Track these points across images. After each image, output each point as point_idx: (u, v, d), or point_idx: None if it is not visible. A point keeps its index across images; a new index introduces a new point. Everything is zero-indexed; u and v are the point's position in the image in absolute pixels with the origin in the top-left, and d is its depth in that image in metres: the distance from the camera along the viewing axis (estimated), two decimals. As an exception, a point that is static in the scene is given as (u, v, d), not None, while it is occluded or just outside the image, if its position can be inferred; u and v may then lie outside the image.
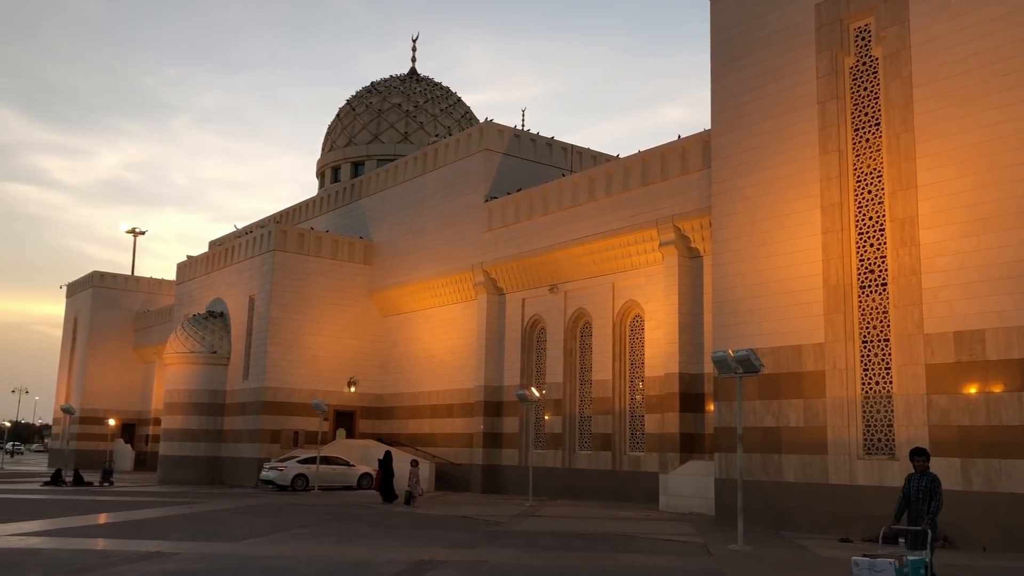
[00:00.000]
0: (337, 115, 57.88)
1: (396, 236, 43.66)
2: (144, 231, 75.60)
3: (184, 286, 51.33)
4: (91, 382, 64.89)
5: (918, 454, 11.53)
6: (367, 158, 54.02)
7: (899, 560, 9.96)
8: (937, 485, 11.15)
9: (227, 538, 17.83)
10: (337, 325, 43.48)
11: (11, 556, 14.38)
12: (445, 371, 40.10)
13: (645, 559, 15.42)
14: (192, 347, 43.97)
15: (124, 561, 13.70)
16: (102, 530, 19.86)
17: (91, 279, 67.32)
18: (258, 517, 23.51)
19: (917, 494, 11.15)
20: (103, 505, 27.00)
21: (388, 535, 19.03)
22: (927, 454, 11.61)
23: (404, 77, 58.28)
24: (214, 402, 43.81)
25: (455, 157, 40.46)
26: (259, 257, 43.37)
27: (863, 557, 10.43)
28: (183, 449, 43.47)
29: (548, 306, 35.33)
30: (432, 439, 40.04)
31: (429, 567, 13.84)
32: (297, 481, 35.63)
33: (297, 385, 41.62)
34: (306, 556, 15.06)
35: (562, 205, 34.05)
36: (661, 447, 28.75)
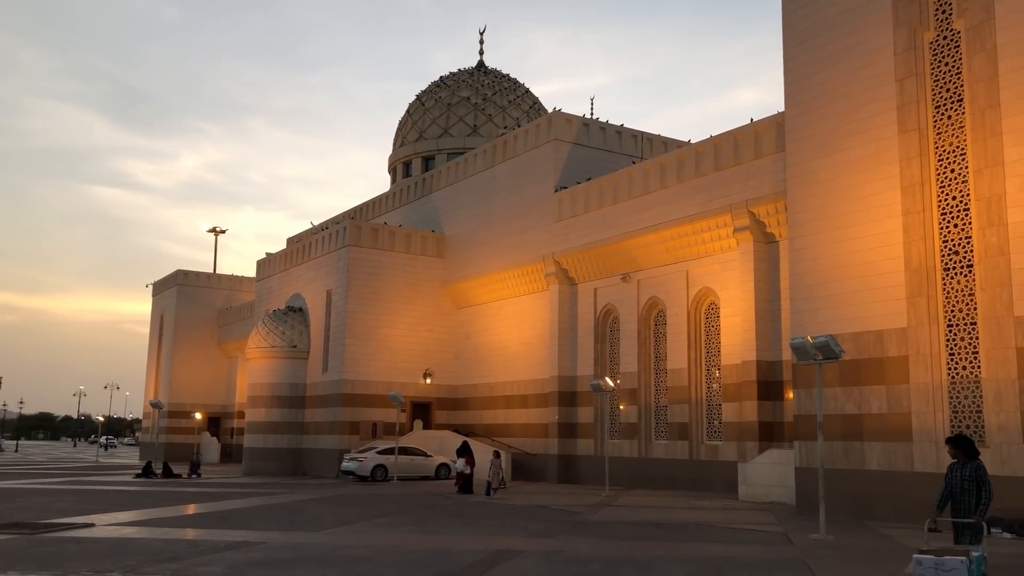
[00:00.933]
0: (407, 111, 58.46)
1: (467, 229, 43.95)
2: (224, 230, 77.63)
3: (264, 282, 52.60)
4: (178, 377, 67.08)
5: (955, 443, 10.55)
6: (437, 152, 54.46)
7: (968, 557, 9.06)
8: (984, 474, 10.26)
9: (310, 528, 18.26)
10: (411, 318, 44.05)
11: (107, 545, 15.00)
12: (518, 362, 40.27)
13: (725, 548, 15.26)
14: (273, 342, 45.07)
15: (212, 551, 14.16)
16: (191, 520, 20.55)
17: (175, 278, 69.51)
18: (340, 507, 24.00)
19: (961, 484, 10.29)
20: (191, 496, 27.93)
21: (466, 524, 19.23)
22: (967, 443, 10.50)
23: (472, 70, 58.50)
24: (295, 395, 44.85)
25: (524, 148, 40.49)
26: (335, 253, 44.17)
27: (926, 555, 9.25)
28: (266, 441, 44.64)
29: (621, 295, 35.13)
30: (507, 429, 40.27)
31: (507, 556, 13.95)
32: (376, 471, 36.24)
33: (374, 377, 42.32)
34: (387, 545, 15.33)
35: (633, 193, 33.79)
36: (739, 436, 28.38)
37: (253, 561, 12.90)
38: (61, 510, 21.67)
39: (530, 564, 13.18)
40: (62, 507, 22.68)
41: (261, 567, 12.31)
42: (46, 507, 22.68)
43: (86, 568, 11.95)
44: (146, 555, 13.54)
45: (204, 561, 12.85)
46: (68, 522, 18.38)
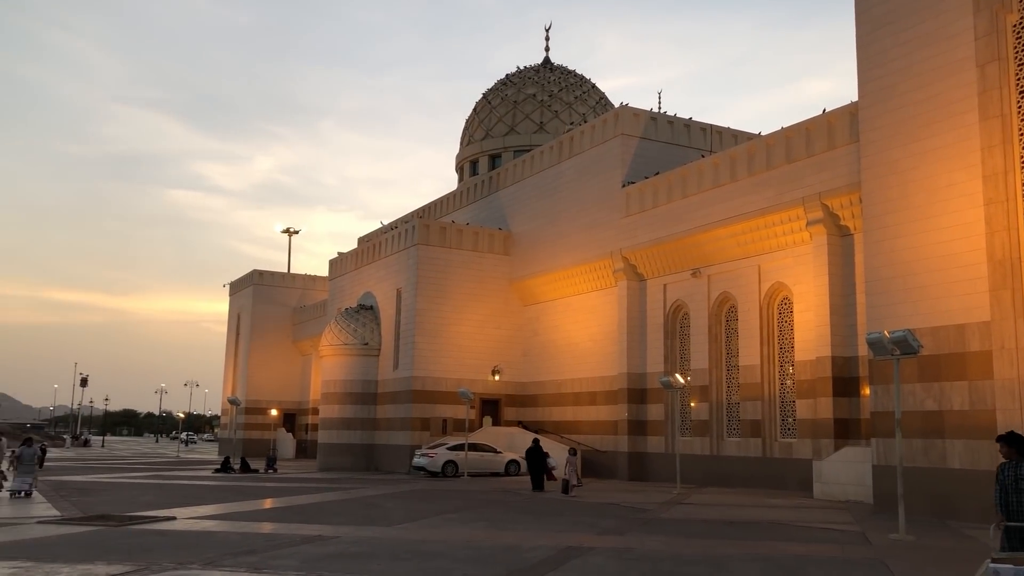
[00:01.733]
0: (474, 109, 58.75)
1: (534, 226, 43.97)
2: (298, 230, 79.15)
3: (336, 281, 53.50)
4: (254, 374, 68.70)
5: (1008, 440, 9.81)
6: (504, 150, 54.61)
7: None
8: None
9: (383, 522, 18.52)
10: (479, 315, 44.30)
11: (188, 538, 15.46)
12: (587, 358, 40.14)
13: (800, 548, 14.97)
14: (345, 339, 45.82)
15: (288, 544, 14.47)
16: (267, 514, 21.04)
17: (251, 278, 71.18)
18: (411, 502, 24.29)
19: (1016, 484, 9.59)
20: (268, 491, 28.58)
21: (536, 521, 19.26)
22: (1020, 441, 9.74)
23: (538, 67, 58.49)
24: (367, 391, 45.53)
25: (591, 144, 40.32)
26: (404, 252, 44.68)
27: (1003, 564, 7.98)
28: (340, 437, 45.42)
29: (691, 291, 34.73)
30: (576, 426, 40.18)
31: (577, 553, 13.93)
32: (447, 467, 36.54)
33: (444, 374, 42.69)
34: (458, 540, 15.45)
35: (702, 187, 33.36)
36: (814, 433, 27.80)
37: (327, 555, 13.15)
38: (145, 503, 22.41)
39: (600, 561, 13.14)
40: (146, 501, 23.46)
41: (335, 561, 12.54)
42: (131, 500, 23.49)
43: (168, 560, 12.34)
44: (224, 548, 13.91)
45: (280, 555, 13.14)
46: (151, 515, 18.99)
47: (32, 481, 24.49)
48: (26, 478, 24.21)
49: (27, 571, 11.22)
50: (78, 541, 14.70)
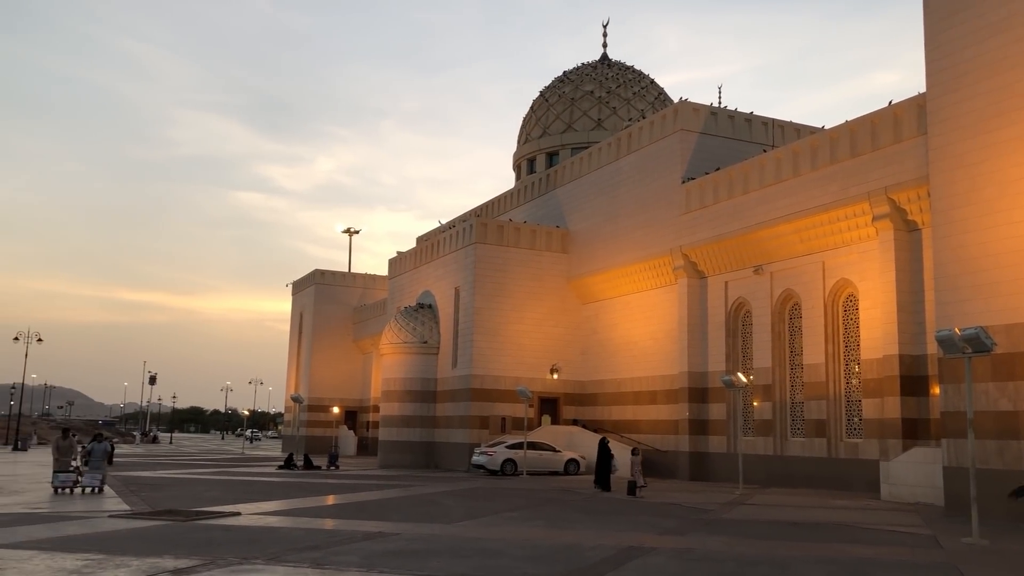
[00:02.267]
0: (531, 107, 58.72)
1: (592, 223, 43.76)
2: (358, 230, 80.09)
3: (395, 280, 53.99)
4: (316, 372, 69.75)
5: None
6: (561, 147, 54.47)
7: None
8: None
9: (443, 520, 18.60)
10: (537, 313, 44.25)
11: (252, 533, 15.72)
12: (647, 357, 39.81)
13: (868, 550, 14.60)
14: (404, 338, 46.21)
15: (349, 540, 14.61)
16: (329, 511, 21.31)
17: (313, 277, 72.28)
18: (471, 500, 24.36)
19: None
20: (330, 488, 28.95)
21: (596, 520, 19.15)
22: None
23: (595, 64, 58.21)
24: (426, 390, 45.84)
25: (649, 140, 39.96)
26: (462, 250, 44.86)
27: None
28: (400, 435, 45.81)
29: (753, 288, 34.19)
30: (636, 425, 39.89)
31: (637, 553, 13.80)
32: (506, 466, 36.58)
33: (502, 372, 42.75)
34: (517, 539, 15.43)
35: (764, 182, 32.81)
36: (881, 433, 27.13)
37: (388, 551, 13.24)
38: (211, 499, 22.88)
39: (661, 562, 12.99)
40: (212, 496, 23.95)
41: (396, 557, 12.62)
42: (198, 496, 24.01)
43: (233, 555, 12.55)
44: (288, 543, 14.11)
45: (342, 551, 13.27)
46: (217, 510, 19.37)
47: (102, 477, 24.88)
48: (96, 474, 24.59)
49: (99, 563, 11.52)
50: (146, 535, 15.06)
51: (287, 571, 11.26)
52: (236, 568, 11.36)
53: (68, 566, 11.33)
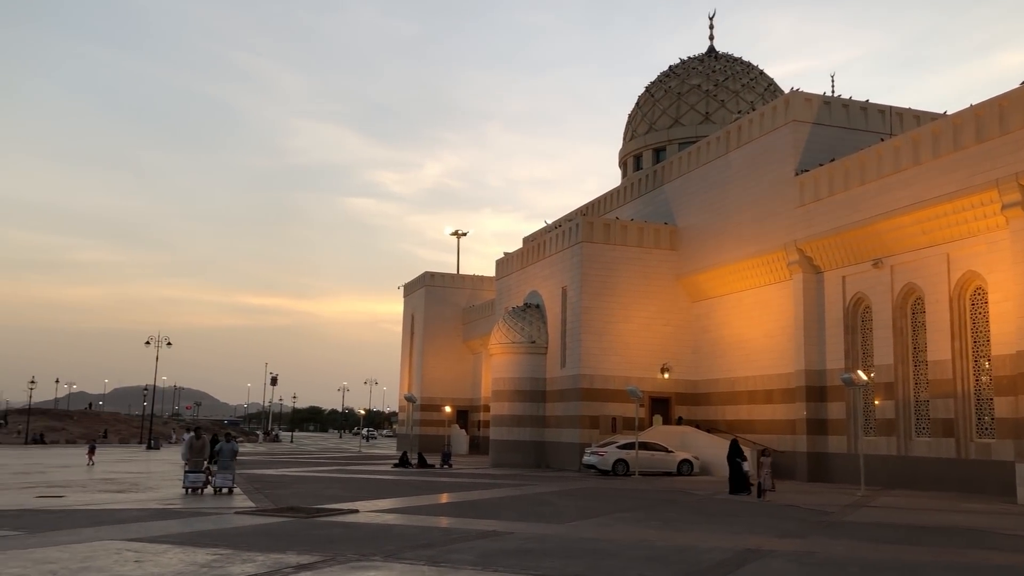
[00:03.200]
0: (636, 103, 58.15)
1: (701, 219, 43.00)
2: (466, 232, 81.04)
3: (503, 281, 54.38)
4: (428, 372, 70.98)
5: None
6: (668, 143, 53.73)
7: None
8: None
9: (555, 520, 18.62)
10: (646, 312, 43.77)
11: (370, 530, 16.11)
12: (761, 355, 38.84)
13: (1004, 557, 13.82)
14: (513, 338, 46.49)
15: (464, 539, 14.79)
16: (443, 509, 21.63)
17: (423, 279, 73.60)
18: (583, 500, 24.31)
19: None
20: (443, 486, 29.39)
21: (711, 522, 18.80)
22: None
23: (702, 57, 57.19)
24: (535, 389, 45.98)
25: (760, 132, 38.98)
26: (568, 250, 44.80)
27: None
28: (510, 434, 46.10)
29: (872, 282, 32.91)
30: (751, 425, 38.97)
31: (755, 556, 13.46)
32: (618, 466, 36.33)
33: (611, 372, 42.48)
34: (631, 540, 15.30)
35: (882, 172, 31.52)
36: (1016, 433, 25.66)
37: (502, 551, 13.33)
38: (330, 496, 23.57)
39: (780, 565, 12.63)
40: (331, 494, 24.67)
41: (510, 556, 12.69)
42: (317, 494, 24.78)
43: (352, 551, 12.88)
44: (404, 541, 14.39)
45: (457, 549, 13.44)
46: (336, 508, 19.94)
47: (233, 477, 24.86)
48: (227, 474, 24.52)
49: (227, 558, 12.02)
50: (270, 531, 15.63)
51: (404, 568, 11.47)
52: (355, 565, 11.65)
53: (199, 560, 11.86)
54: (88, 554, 12.19)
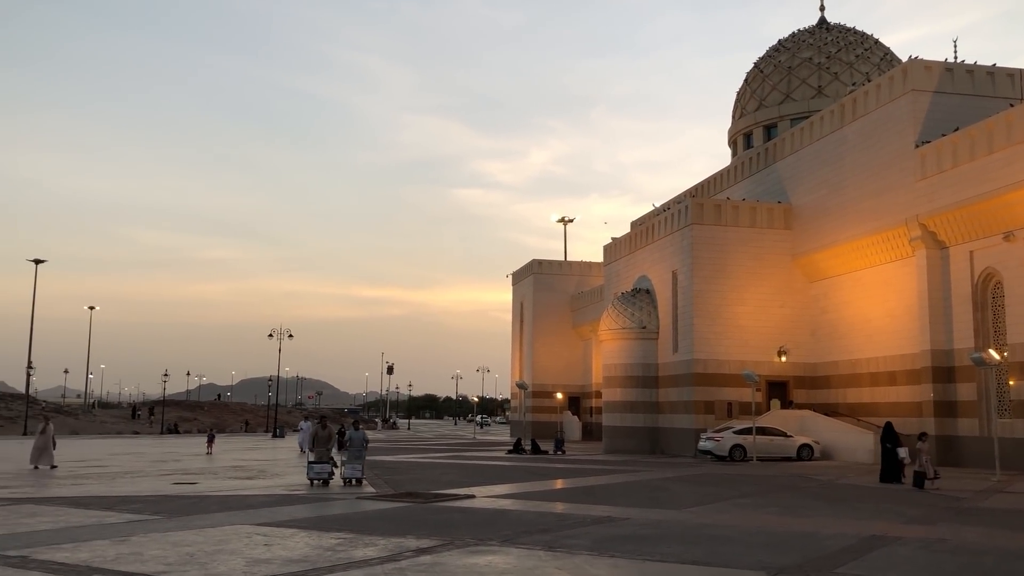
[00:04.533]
0: (745, 80, 56.73)
1: (816, 197, 41.63)
2: (572, 219, 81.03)
3: (611, 266, 54.07)
4: (539, 359, 71.35)
5: None
6: (779, 119, 52.23)
7: None
8: None
9: (671, 506, 18.45)
10: (760, 294, 42.73)
11: (486, 515, 16.34)
12: (883, 336, 37.39)
13: None
14: (623, 323, 46.20)
15: (579, 524, 14.83)
16: (558, 495, 21.73)
17: (531, 267, 73.94)
18: (699, 486, 24.00)
19: None
20: (557, 472, 29.53)
21: (833, 508, 18.27)
22: None
23: (813, 29, 55.30)
24: (648, 375, 45.60)
25: (876, 104, 37.41)
26: (678, 233, 44.14)
27: None
28: (623, 420, 45.91)
29: (1003, 256, 31.18)
30: (874, 408, 37.59)
31: (881, 542, 13.01)
32: (734, 451, 35.70)
33: (725, 356, 41.70)
34: (750, 526, 15.03)
35: (1012, 140, 29.78)
36: None
37: (618, 536, 13.31)
38: (447, 482, 24.02)
39: (908, 552, 12.17)
40: (448, 479, 25.14)
41: (626, 542, 12.65)
42: (435, 479, 25.29)
43: (470, 536, 13.10)
44: (520, 526, 14.54)
45: (572, 534, 13.50)
46: (453, 493, 20.31)
47: (362, 468, 23.36)
48: (356, 464, 23.02)
49: (350, 542, 12.42)
50: (391, 516, 16.05)
51: (520, 553, 11.59)
52: (473, 549, 11.85)
53: (324, 543, 12.30)
54: (221, 538, 12.81)
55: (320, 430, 23.89)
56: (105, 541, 12.36)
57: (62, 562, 10.50)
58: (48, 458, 29.05)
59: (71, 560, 10.61)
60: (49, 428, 29.80)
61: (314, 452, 23.42)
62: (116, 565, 10.31)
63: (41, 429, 29.83)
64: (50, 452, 29.25)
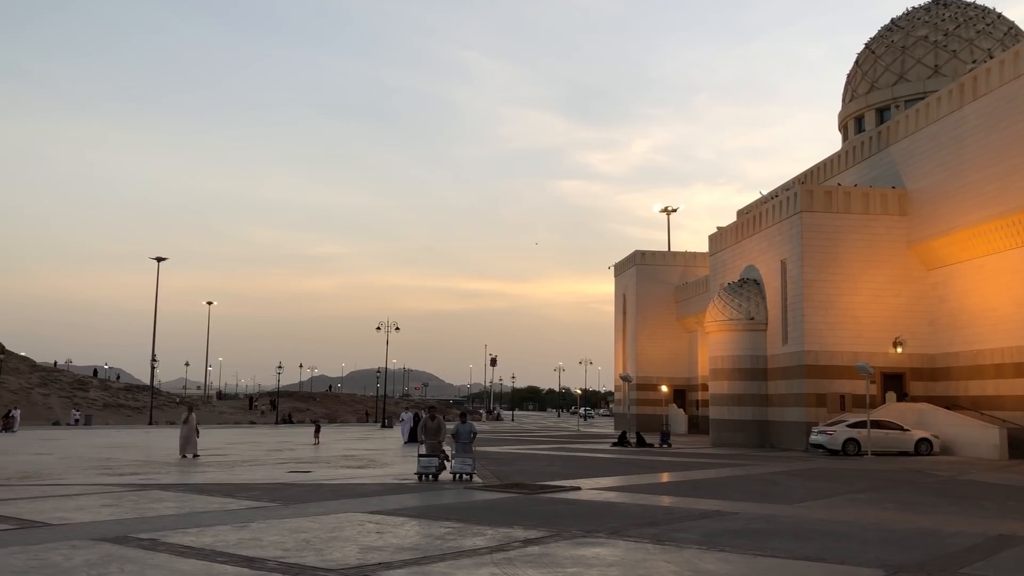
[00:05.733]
0: (856, 61, 54.74)
1: (933, 181, 39.81)
2: (676, 208, 79.86)
3: (717, 256, 53.09)
4: (642, 352, 70.70)
5: None
6: (892, 101, 50.21)
7: None
8: None
9: (782, 500, 18.03)
10: (874, 283, 41.18)
11: (592, 507, 16.34)
12: (1010, 325, 35.51)
13: None
14: (730, 315, 45.32)
15: (688, 518, 14.65)
16: (664, 488, 21.52)
17: (634, 258, 73.29)
18: (811, 480, 23.38)
19: None
20: (663, 465, 29.24)
21: (956, 504, 17.50)
22: None
23: (928, 6, 52.88)
24: (756, 367, 44.61)
25: (1000, 81, 35.48)
26: (786, 221, 42.97)
27: None
28: (731, 413, 45.07)
29: None
30: (999, 402, 35.77)
31: (1011, 542, 12.38)
32: (848, 445, 34.60)
33: (838, 348, 40.38)
34: (865, 522, 14.55)
35: None
36: None
37: (728, 530, 13.09)
38: (552, 473, 24.11)
39: (1041, 554, 11.54)
40: (553, 471, 25.23)
41: (736, 536, 12.44)
42: (540, 471, 25.41)
43: (576, 527, 13.12)
44: (627, 519, 14.47)
45: (680, 528, 13.35)
46: (558, 484, 20.37)
47: (473, 462, 21.87)
48: (466, 459, 21.62)
49: (458, 531, 12.62)
50: (497, 506, 16.22)
51: (628, 546, 11.54)
52: (580, 541, 11.86)
53: (433, 532, 12.54)
54: (335, 525, 13.21)
55: (429, 421, 22.75)
56: (227, 526, 12.92)
57: (188, 545, 11.03)
58: (192, 447, 30.17)
59: (196, 544, 11.14)
60: (192, 418, 30.71)
61: (425, 444, 22.28)
62: (238, 549, 10.76)
63: (184, 419, 30.81)
64: (194, 441, 30.23)
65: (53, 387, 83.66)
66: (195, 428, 30.57)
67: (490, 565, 9.89)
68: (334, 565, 9.77)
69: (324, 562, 9.94)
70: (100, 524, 13.18)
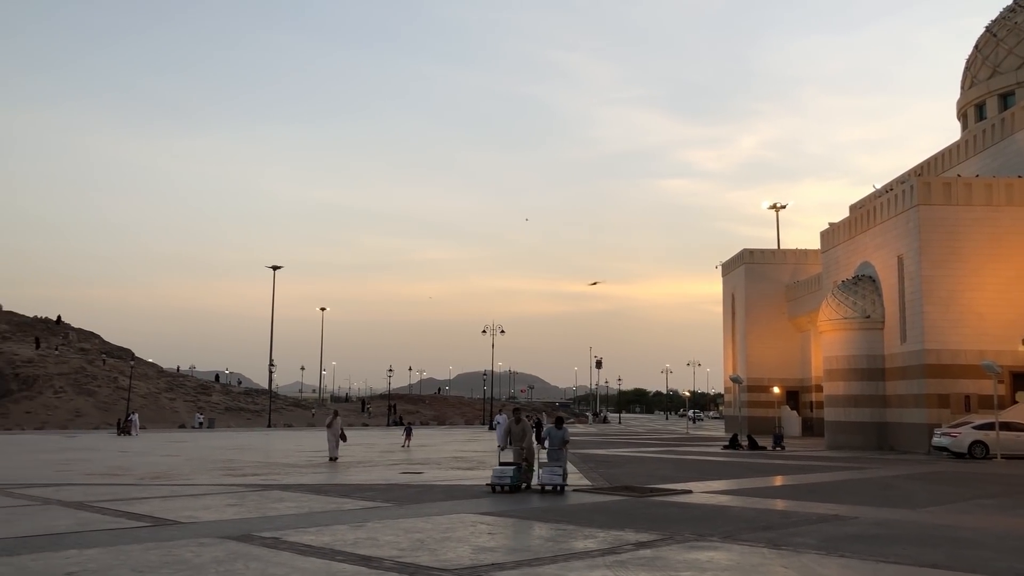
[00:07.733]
0: (975, 46, 52.21)
1: (1066, 168, 37.55)
2: (784, 205, 77.85)
3: (829, 253, 51.48)
4: (753, 352, 69.11)
5: None
6: (1017, 86, 47.72)
7: None
8: None
9: (904, 505, 17.35)
10: (1000, 278, 39.15)
11: (705, 511, 16.09)
12: None
13: None
14: (844, 313, 43.87)
15: (804, 522, 14.26)
16: (779, 492, 20.99)
17: (742, 257, 71.75)
18: (935, 484, 22.42)
19: None
20: (776, 468, 28.54)
21: (1097, 512, 16.47)
22: None
23: (1055, -18, 49.95)
24: (873, 367, 43.03)
25: None
26: (902, 215, 41.33)
27: None
28: (847, 415, 43.60)
29: None
30: None
31: None
32: (974, 448, 33.01)
33: (961, 346, 38.56)
34: (997, 529, 13.86)
35: None
36: None
37: (847, 535, 12.69)
38: (662, 477, 23.87)
39: None
40: (663, 474, 24.98)
41: (855, 542, 12.05)
42: (650, 474, 25.20)
43: (689, 531, 12.96)
44: (740, 522, 14.20)
45: (797, 532, 13.02)
46: (669, 488, 20.14)
47: (564, 472, 19.18)
48: (555, 468, 19.02)
49: (569, 533, 12.65)
50: (607, 509, 16.17)
51: (743, 550, 11.33)
52: (693, 544, 11.71)
53: (544, 534, 12.61)
54: (448, 525, 13.44)
55: (514, 425, 20.48)
56: (344, 526, 13.32)
57: (308, 544, 11.43)
58: (332, 449, 30.61)
59: (316, 543, 11.52)
60: (336, 422, 31.05)
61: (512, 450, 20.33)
62: (355, 549, 11.08)
63: (328, 423, 31.30)
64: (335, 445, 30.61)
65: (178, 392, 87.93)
66: (339, 432, 30.91)
67: (602, 567, 9.88)
68: (448, 565, 9.94)
69: (438, 562, 10.13)
70: (225, 523, 13.79)
